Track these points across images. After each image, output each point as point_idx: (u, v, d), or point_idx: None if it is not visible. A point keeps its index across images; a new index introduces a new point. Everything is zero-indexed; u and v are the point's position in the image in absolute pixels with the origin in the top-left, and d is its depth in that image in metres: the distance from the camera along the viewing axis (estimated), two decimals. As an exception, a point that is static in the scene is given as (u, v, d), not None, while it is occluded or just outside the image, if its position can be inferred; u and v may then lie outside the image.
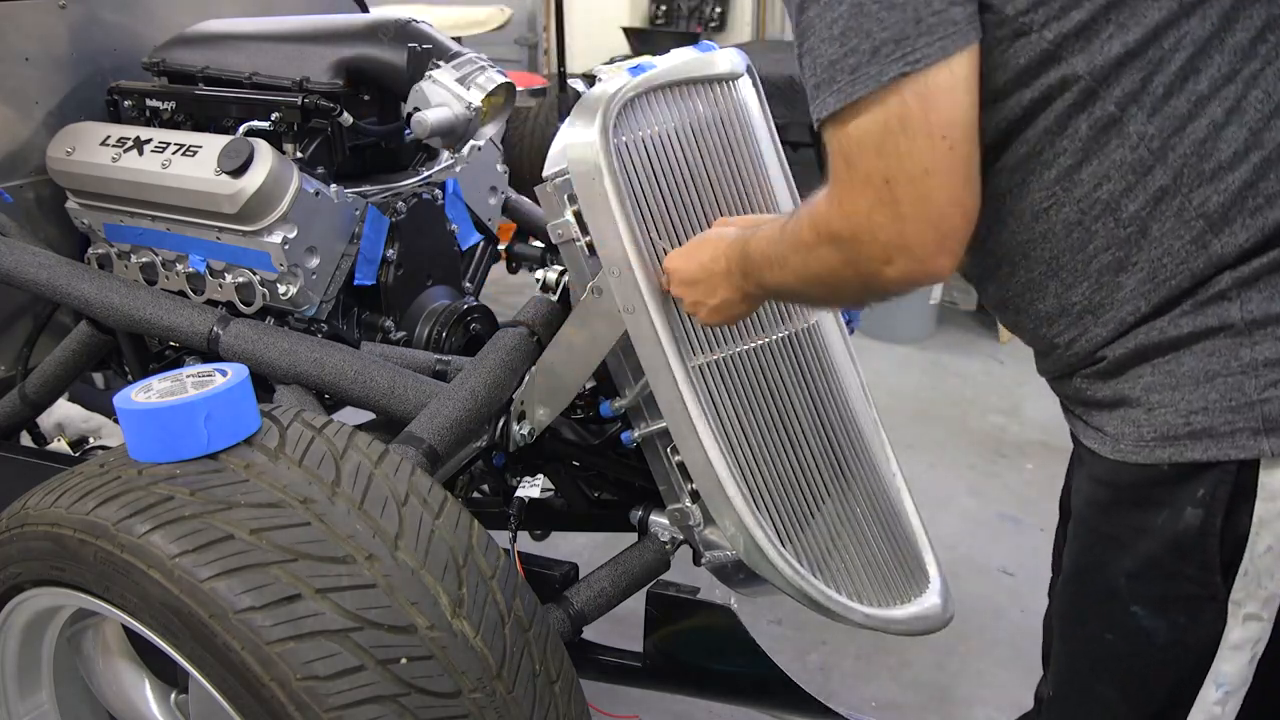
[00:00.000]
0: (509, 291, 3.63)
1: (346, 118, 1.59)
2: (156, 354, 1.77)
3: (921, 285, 0.95)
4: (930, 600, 1.55)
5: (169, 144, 1.58)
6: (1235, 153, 0.87)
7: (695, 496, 1.36)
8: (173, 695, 1.31)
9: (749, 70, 1.46)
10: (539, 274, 1.57)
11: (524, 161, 4.62)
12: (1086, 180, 0.90)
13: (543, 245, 2.13)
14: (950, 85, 0.84)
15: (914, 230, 0.87)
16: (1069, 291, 0.95)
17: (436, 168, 1.81)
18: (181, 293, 1.65)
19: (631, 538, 1.55)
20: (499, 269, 2.13)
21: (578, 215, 1.28)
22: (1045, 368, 1.06)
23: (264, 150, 1.49)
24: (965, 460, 2.94)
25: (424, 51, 1.60)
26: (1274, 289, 0.87)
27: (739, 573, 1.39)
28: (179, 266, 1.64)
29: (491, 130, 1.64)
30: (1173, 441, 0.90)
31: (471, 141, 1.61)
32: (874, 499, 1.52)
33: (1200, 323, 0.89)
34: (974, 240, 0.93)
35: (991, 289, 1.05)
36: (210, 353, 1.53)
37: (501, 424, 1.44)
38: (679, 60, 1.35)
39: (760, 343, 1.38)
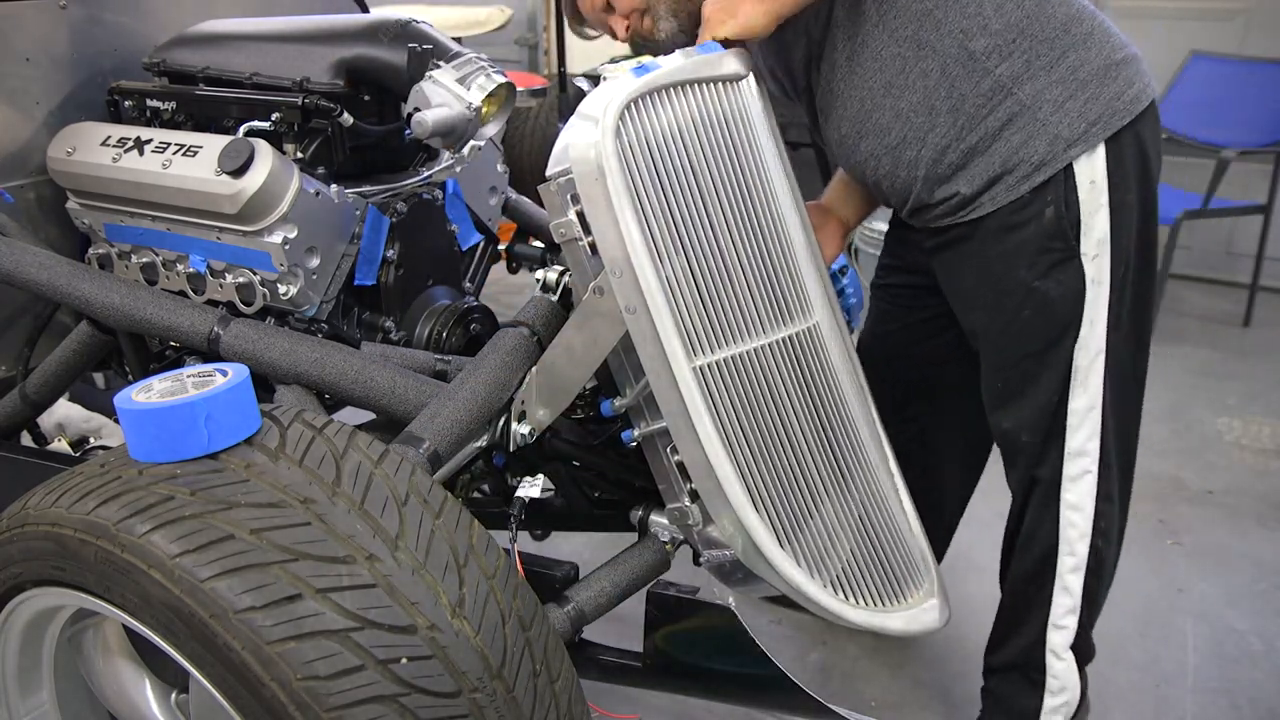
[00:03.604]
0: (509, 291, 3.64)
1: (347, 118, 1.59)
2: (157, 354, 1.77)
3: None
4: (928, 601, 1.55)
5: (169, 144, 1.58)
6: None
7: (695, 496, 1.36)
8: (173, 695, 1.31)
9: (754, 72, 1.46)
10: (539, 274, 1.57)
11: (524, 161, 4.62)
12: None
13: (543, 245, 2.13)
14: None
15: None
16: (907, 110, 1.54)
17: (437, 168, 1.81)
18: (182, 293, 1.65)
19: (631, 538, 1.55)
20: (499, 269, 2.13)
21: (580, 215, 1.28)
22: (903, 189, 1.61)
23: (264, 150, 1.49)
24: (965, 460, 2.94)
25: (424, 51, 1.60)
26: (1033, 80, 1.49)
27: (738, 572, 1.40)
28: (179, 267, 1.64)
29: (492, 130, 1.64)
30: (1026, 178, 1.52)
31: (472, 142, 1.61)
32: (873, 499, 1.52)
33: (1003, 112, 1.51)
34: (834, 97, 1.61)
35: (865, 144, 1.61)
36: (211, 353, 1.53)
37: (502, 424, 1.44)
38: (684, 60, 1.35)
39: (760, 343, 1.38)
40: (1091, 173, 1.51)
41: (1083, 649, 1.80)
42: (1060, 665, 1.79)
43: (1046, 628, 1.76)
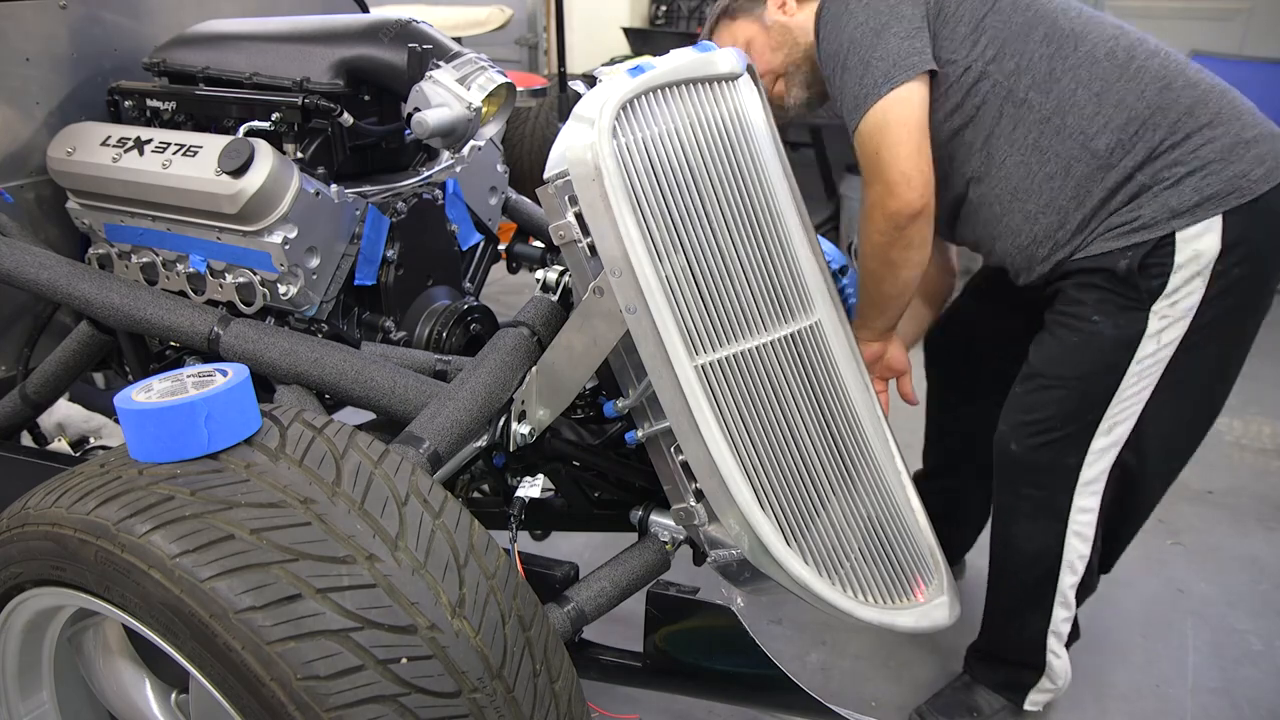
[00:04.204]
0: (509, 291, 3.63)
1: (347, 118, 1.59)
2: (157, 354, 1.77)
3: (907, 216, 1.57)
4: (937, 598, 1.55)
5: (169, 144, 1.58)
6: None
7: (700, 496, 1.36)
8: (173, 695, 1.31)
9: (749, 70, 1.46)
10: (539, 274, 1.57)
11: (524, 161, 4.62)
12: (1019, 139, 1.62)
13: (543, 245, 2.13)
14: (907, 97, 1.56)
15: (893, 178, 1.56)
16: (1035, 211, 1.64)
17: (437, 168, 1.81)
18: (182, 293, 1.65)
19: (631, 538, 1.55)
20: (499, 269, 2.13)
21: (579, 216, 1.28)
22: (1035, 272, 1.69)
23: (264, 150, 1.49)
24: (965, 460, 2.94)
25: (424, 51, 1.60)
26: (1153, 164, 1.57)
27: (744, 571, 1.40)
28: (179, 267, 1.64)
29: (492, 130, 1.64)
30: (1124, 235, 1.57)
31: (472, 142, 1.61)
32: (879, 497, 1.52)
33: (1125, 194, 1.57)
34: (967, 209, 1.73)
35: (999, 245, 1.72)
36: (211, 353, 1.53)
37: (502, 424, 1.44)
38: (679, 61, 1.35)
39: (762, 341, 1.38)
40: (1198, 243, 1.53)
41: (1073, 637, 1.89)
42: (1059, 662, 1.88)
43: (1046, 634, 1.83)
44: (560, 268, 1.55)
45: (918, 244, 1.60)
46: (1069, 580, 1.77)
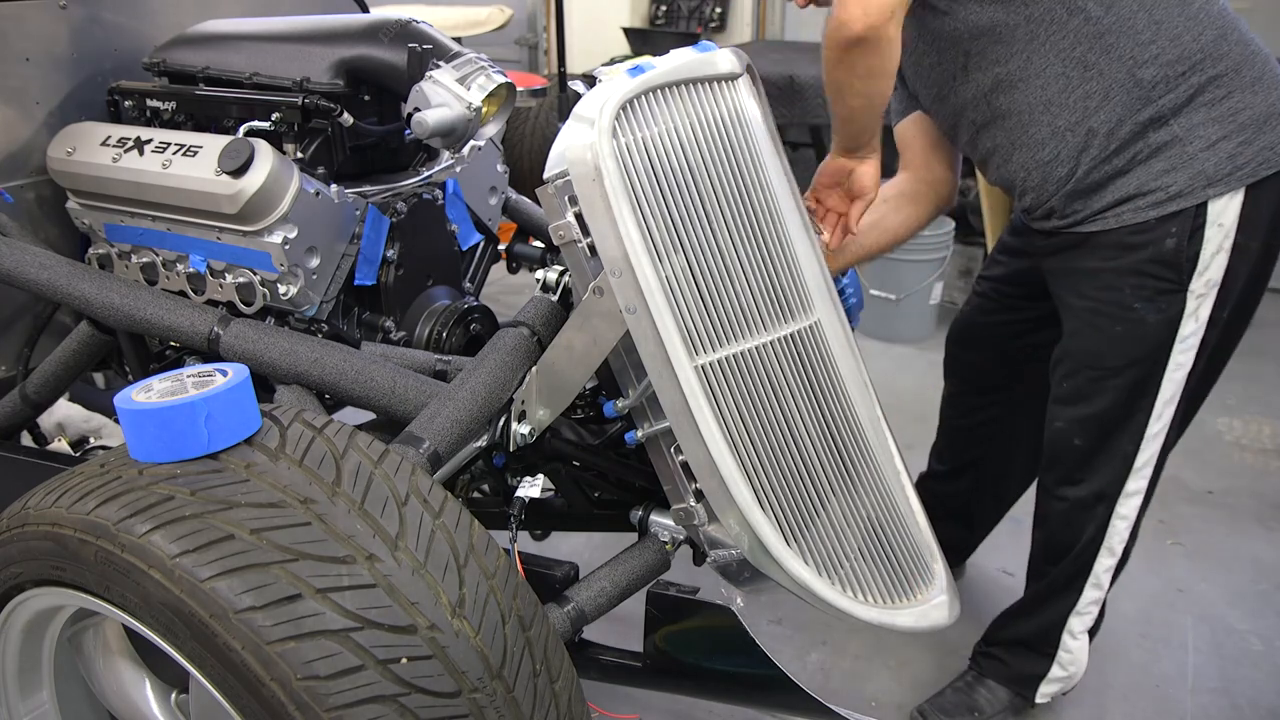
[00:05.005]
0: (509, 291, 3.64)
1: (347, 118, 1.59)
2: (157, 354, 1.77)
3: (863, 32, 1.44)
4: (937, 598, 1.55)
5: (169, 144, 1.58)
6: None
7: (700, 496, 1.36)
8: (173, 695, 1.31)
9: (749, 70, 1.46)
10: (539, 274, 1.57)
11: (524, 161, 4.63)
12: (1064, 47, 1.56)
13: (543, 245, 2.13)
14: None
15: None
16: (1064, 127, 1.59)
17: (437, 168, 1.81)
18: (182, 293, 1.65)
19: (631, 538, 1.55)
20: (499, 269, 2.13)
21: (579, 217, 1.28)
22: (1045, 198, 1.66)
23: (264, 150, 1.49)
24: (965, 460, 2.94)
25: (424, 51, 1.60)
26: (1191, 114, 1.54)
27: (744, 571, 1.40)
28: (179, 267, 1.64)
29: (492, 130, 1.64)
30: (1157, 205, 1.56)
31: (472, 142, 1.61)
32: (879, 497, 1.52)
33: (1155, 140, 1.55)
34: (993, 113, 1.65)
35: (1018, 155, 1.66)
36: (211, 353, 1.53)
37: (502, 424, 1.44)
38: (679, 60, 1.35)
39: (762, 341, 1.38)
40: (1224, 215, 1.55)
41: (1096, 628, 1.91)
42: (1075, 644, 1.89)
43: (1070, 614, 1.85)
44: (560, 268, 1.55)
45: (862, 74, 1.50)
46: (1106, 563, 1.80)
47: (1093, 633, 1.90)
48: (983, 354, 2.10)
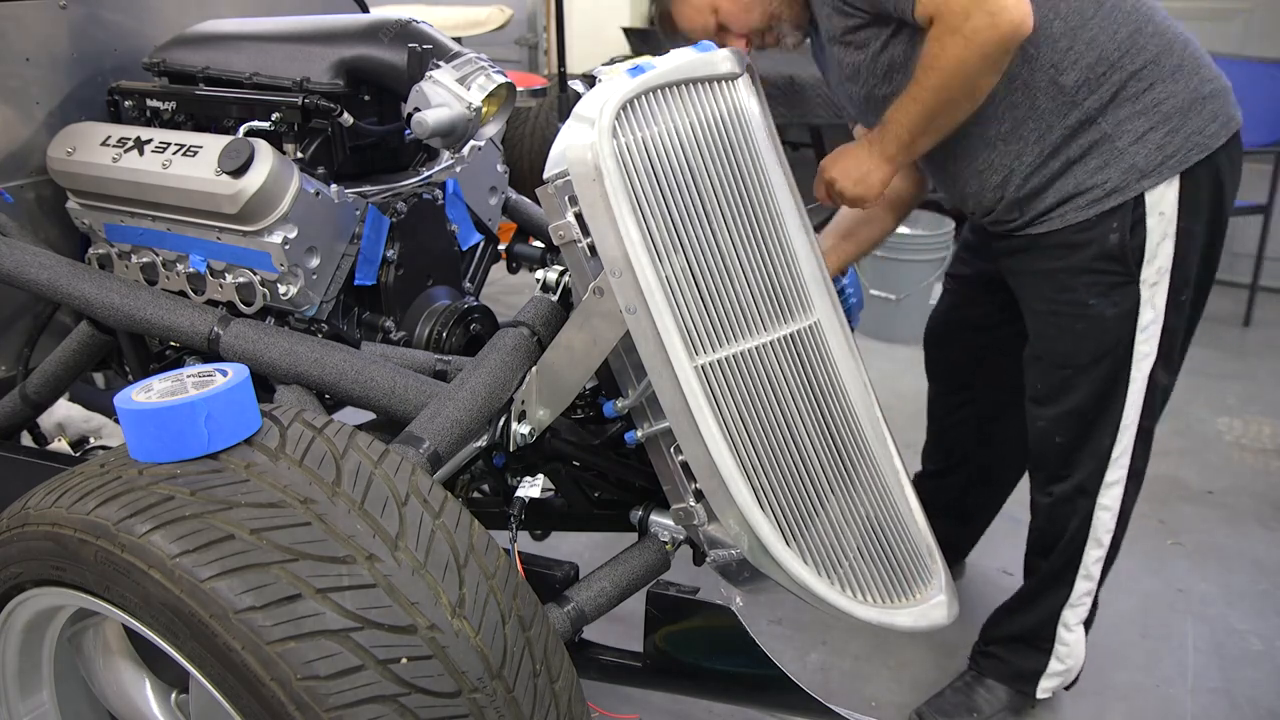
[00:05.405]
0: (509, 291, 3.64)
1: (347, 118, 1.59)
2: (157, 354, 1.77)
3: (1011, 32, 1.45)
4: (936, 598, 1.55)
5: (169, 144, 1.58)
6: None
7: (699, 496, 1.36)
8: (173, 695, 1.31)
9: (749, 70, 1.46)
10: (539, 274, 1.57)
11: (524, 161, 4.62)
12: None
13: (543, 245, 2.13)
14: None
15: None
16: (994, 137, 1.63)
17: (437, 168, 1.81)
18: (182, 293, 1.65)
19: (631, 538, 1.55)
20: (499, 269, 2.13)
21: (579, 217, 1.28)
22: (986, 207, 1.70)
23: (264, 150, 1.49)
24: (965, 460, 2.94)
25: (424, 51, 1.60)
26: (1117, 110, 1.57)
27: (744, 571, 1.40)
28: (179, 267, 1.64)
29: (492, 130, 1.64)
30: (1096, 203, 1.59)
31: (472, 142, 1.61)
32: (878, 497, 1.52)
33: (1085, 140, 1.59)
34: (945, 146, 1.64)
35: (953, 166, 1.70)
36: (211, 353, 1.53)
37: (502, 424, 1.44)
38: (679, 60, 1.35)
39: (762, 341, 1.38)
40: (1162, 204, 1.58)
41: (1090, 619, 1.92)
42: (1071, 636, 1.90)
43: (1063, 607, 1.87)
44: (560, 268, 1.55)
45: (999, 72, 1.52)
46: (1095, 554, 1.81)
47: (1088, 625, 1.91)
48: (955, 351, 2.13)
